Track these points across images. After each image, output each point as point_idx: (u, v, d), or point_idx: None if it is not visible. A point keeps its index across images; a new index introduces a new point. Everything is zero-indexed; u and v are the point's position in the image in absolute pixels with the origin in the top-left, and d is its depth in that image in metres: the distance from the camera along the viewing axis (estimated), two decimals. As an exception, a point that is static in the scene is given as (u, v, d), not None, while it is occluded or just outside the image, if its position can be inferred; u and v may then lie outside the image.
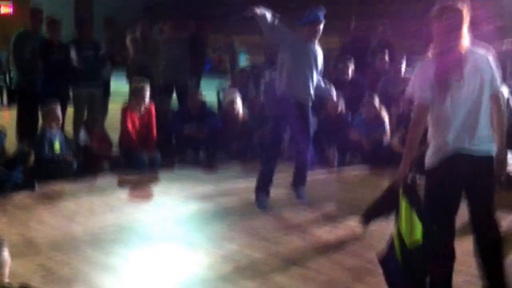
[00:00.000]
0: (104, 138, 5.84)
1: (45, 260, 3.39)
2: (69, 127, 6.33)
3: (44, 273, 3.24)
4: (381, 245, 3.65)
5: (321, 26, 4.37)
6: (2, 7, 14.43)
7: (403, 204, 2.55)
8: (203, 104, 6.60)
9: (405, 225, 2.51)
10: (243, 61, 12.87)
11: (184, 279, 3.22)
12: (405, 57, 7.08)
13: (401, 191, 2.60)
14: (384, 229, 4.00)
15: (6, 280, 1.92)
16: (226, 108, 6.53)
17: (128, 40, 7.07)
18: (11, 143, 5.77)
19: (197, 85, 8.20)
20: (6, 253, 1.89)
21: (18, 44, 6.10)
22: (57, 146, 5.34)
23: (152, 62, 6.95)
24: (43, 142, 5.23)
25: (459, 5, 2.60)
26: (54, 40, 6.06)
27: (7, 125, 6.05)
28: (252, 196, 4.53)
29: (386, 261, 2.63)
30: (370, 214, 3.52)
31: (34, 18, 6.13)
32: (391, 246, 2.63)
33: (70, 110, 6.38)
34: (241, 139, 6.26)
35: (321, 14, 4.38)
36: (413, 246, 2.48)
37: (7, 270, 1.90)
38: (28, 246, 3.64)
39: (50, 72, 5.99)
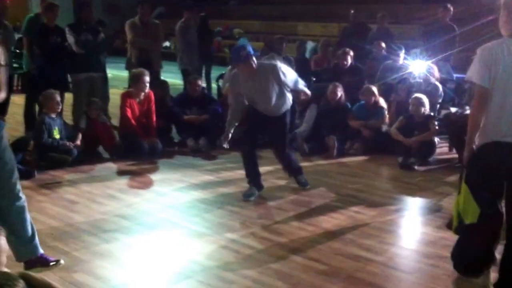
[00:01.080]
0: (105, 124, 5.81)
1: (45, 249, 3.37)
2: (68, 113, 6.32)
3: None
4: (381, 234, 3.69)
5: (245, 65, 4.17)
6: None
7: (464, 188, 2.73)
8: (203, 90, 6.57)
9: (462, 207, 2.76)
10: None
11: (184, 267, 3.24)
12: (403, 46, 7.08)
13: (464, 176, 2.77)
14: (384, 217, 4.03)
15: (4, 268, 1.91)
16: (225, 94, 6.50)
17: (126, 25, 7.01)
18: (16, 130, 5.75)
19: (209, 70, 8.27)
20: (3, 241, 1.89)
21: (31, 29, 6.03)
22: (56, 132, 5.32)
23: (152, 46, 6.92)
24: (42, 128, 5.21)
25: None
26: (51, 24, 6.01)
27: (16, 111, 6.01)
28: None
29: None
30: None
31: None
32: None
33: (69, 96, 6.36)
34: (242, 126, 6.24)
35: (237, 56, 4.21)
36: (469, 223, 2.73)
37: (4, 258, 1.89)
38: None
39: (48, 57, 5.96)
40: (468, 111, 5.53)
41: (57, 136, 5.32)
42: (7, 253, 2.18)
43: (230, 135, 4.43)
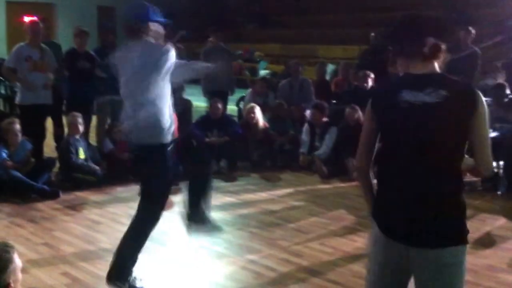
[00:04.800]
0: (128, 146, 5.92)
1: (69, 269, 3.46)
2: (93, 134, 6.46)
3: (69, 281, 3.31)
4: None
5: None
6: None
7: None
8: (223, 112, 6.67)
9: None
10: (263, 69, 12.95)
11: (204, 288, 3.26)
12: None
13: None
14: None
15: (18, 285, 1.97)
16: (245, 116, 6.59)
17: None
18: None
19: (233, 93, 8.34)
20: (17, 258, 1.96)
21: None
22: (81, 153, 5.45)
23: None
24: (69, 149, 5.34)
25: None
26: (81, 50, 6.21)
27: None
28: (272, 207, 4.55)
29: None
30: None
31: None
32: None
33: (94, 118, 6.52)
34: (262, 148, 6.31)
35: None
36: None
37: (19, 275, 1.96)
38: (53, 255, 3.72)
39: (76, 81, 6.14)
40: (491, 134, 5.46)
41: (82, 156, 5.45)
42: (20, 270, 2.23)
43: None
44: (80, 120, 5.54)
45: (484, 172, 1.89)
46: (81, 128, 5.56)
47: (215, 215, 4.59)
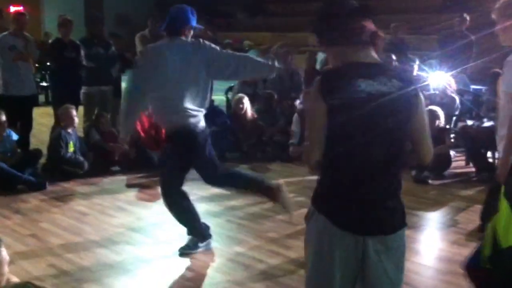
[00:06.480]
0: (114, 136, 5.86)
1: (56, 260, 3.42)
2: (79, 125, 6.37)
3: (56, 272, 3.27)
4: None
5: None
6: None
7: (504, 205, 2.34)
8: (211, 103, 6.59)
9: (503, 226, 2.29)
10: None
11: (193, 280, 3.24)
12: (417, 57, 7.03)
13: (502, 191, 2.40)
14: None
15: (5, 278, 1.92)
16: (234, 107, 6.53)
17: (137, 38, 7.08)
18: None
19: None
20: (4, 252, 1.91)
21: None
22: (71, 145, 5.38)
23: None
24: (59, 142, 5.26)
25: None
26: (66, 39, 6.10)
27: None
28: (261, 198, 4.50)
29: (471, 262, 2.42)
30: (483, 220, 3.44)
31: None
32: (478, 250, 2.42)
33: (80, 109, 6.43)
34: (251, 139, 6.26)
35: None
36: (506, 247, 2.23)
37: (6, 269, 1.91)
38: (40, 246, 3.67)
39: (62, 71, 6.03)
40: (486, 124, 5.47)
41: (71, 149, 5.37)
42: (7, 264, 2.19)
43: None
44: (74, 112, 5.46)
45: (427, 160, 1.91)
46: (76, 120, 5.47)
47: (203, 206, 4.56)
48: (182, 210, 3.49)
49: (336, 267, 1.81)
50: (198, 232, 3.56)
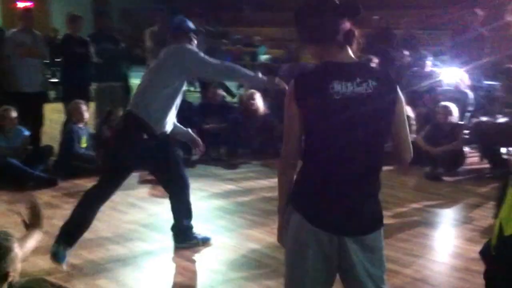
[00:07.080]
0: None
1: (69, 256, 3.40)
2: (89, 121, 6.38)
3: (69, 269, 3.26)
4: (407, 246, 3.59)
5: None
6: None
7: (510, 193, 2.41)
8: (223, 98, 6.58)
9: (507, 211, 2.29)
10: (262, 54, 12.80)
11: (205, 276, 3.21)
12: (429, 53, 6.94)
13: (510, 181, 2.45)
14: (410, 229, 3.94)
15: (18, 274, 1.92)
16: (245, 102, 6.49)
17: (146, 34, 7.07)
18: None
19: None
20: (17, 249, 1.90)
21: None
22: (83, 141, 5.38)
23: None
24: (72, 137, 5.26)
25: None
26: (75, 35, 6.09)
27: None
28: (274, 195, 4.46)
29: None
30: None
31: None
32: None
33: (92, 105, 6.43)
34: (263, 135, 6.22)
35: None
36: (508, 234, 2.28)
37: (19, 265, 1.90)
38: (52, 243, 3.65)
39: (72, 67, 6.03)
40: (499, 120, 5.40)
41: (84, 145, 5.37)
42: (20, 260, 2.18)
43: None
44: (84, 107, 5.45)
45: (407, 158, 1.88)
46: (86, 115, 5.47)
47: (215, 203, 4.54)
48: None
49: (310, 264, 1.78)
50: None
